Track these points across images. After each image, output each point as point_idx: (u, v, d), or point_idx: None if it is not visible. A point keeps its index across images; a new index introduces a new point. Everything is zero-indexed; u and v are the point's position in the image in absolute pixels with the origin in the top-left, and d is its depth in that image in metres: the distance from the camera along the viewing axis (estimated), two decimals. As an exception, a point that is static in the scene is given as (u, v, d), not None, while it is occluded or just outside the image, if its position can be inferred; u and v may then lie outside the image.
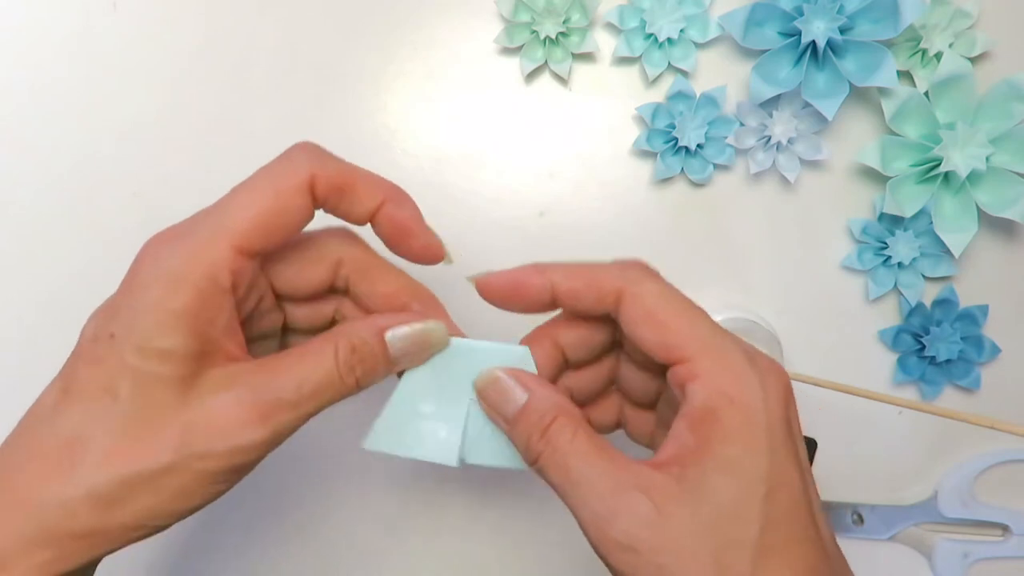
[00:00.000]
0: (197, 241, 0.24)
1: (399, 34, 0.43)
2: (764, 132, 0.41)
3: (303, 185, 0.25)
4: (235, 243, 0.24)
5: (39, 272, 0.43)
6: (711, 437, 0.24)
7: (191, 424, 0.24)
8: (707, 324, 0.26)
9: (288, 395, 0.25)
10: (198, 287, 0.24)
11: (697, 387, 0.24)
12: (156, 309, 0.24)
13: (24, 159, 0.43)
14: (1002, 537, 0.44)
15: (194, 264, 0.24)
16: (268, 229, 0.25)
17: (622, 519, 0.23)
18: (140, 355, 0.24)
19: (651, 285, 0.26)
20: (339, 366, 0.26)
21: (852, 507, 0.44)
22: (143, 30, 0.43)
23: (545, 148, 0.43)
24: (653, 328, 0.25)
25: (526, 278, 0.27)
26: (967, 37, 0.41)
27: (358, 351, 0.26)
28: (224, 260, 0.24)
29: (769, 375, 0.25)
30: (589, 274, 0.27)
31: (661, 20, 0.41)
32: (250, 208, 0.25)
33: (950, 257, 0.41)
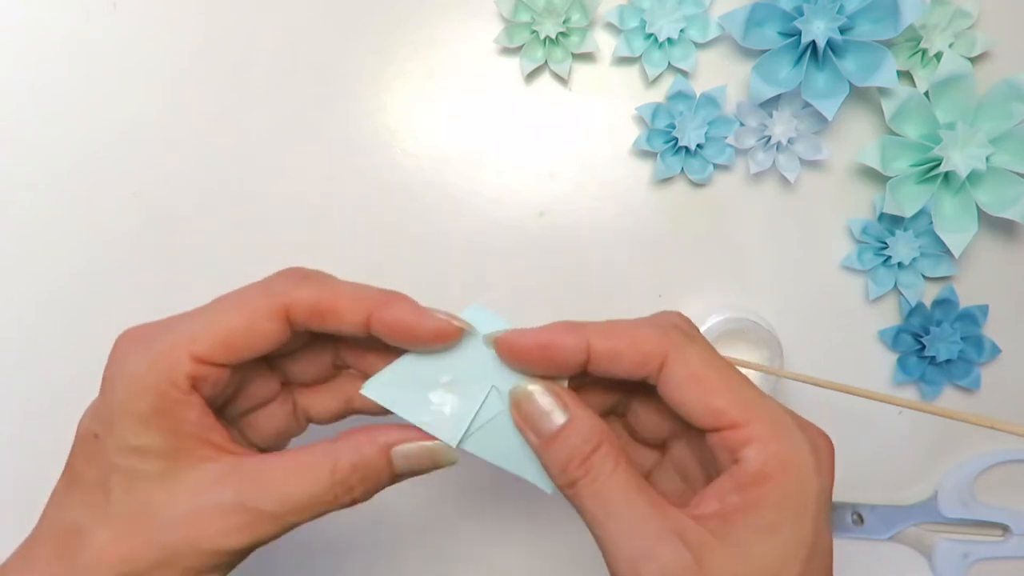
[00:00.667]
0: (158, 348, 0.25)
1: (399, 34, 0.43)
2: (764, 132, 0.41)
3: (276, 312, 0.25)
4: (195, 354, 0.25)
5: (39, 272, 0.43)
6: (762, 499, 0.24)
7: (175, 523, 0.24)
8: (753, 389, 0.25)
9: (272, 507, 0.25)
10: (159, 391, 0.25)
11: (753, 452, 0.24)
12: (125, 411, 0.25)
13: (24, 159, 0.43)
14: (1002, 537, 0.44)
15: (153, 371, 0.25)
16: (232, 347, 0.25)
17: (659, 564, 0.23)
18: (121, 454, 0.25)
19: (695, 349, 0.25)
20: (335, 484, 0.25)
21: (852, 507, 0.44)
22: (143, 30, 0.43)
23: (545, 148, 0.43)
24: (700, 392, 0.25)
25: (558, 338, 0.25)
26: (967, 37, 0.41)
27: (359, 469, 0.26)
28: (182, 368, 0.25)
29: (819, 441, 0.26)
30: (630, 335, 0.25)
31: (661, 20, 0.41)
32: (217, 323, 0.25)
33: (950, 257, 0.41)
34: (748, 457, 0.24)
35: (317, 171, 0.43)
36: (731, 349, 0.40)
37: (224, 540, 0.24)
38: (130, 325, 0.28)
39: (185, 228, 0.43)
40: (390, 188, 0.43)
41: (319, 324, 0.26)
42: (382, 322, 0.26)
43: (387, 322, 0.26)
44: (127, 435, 0.25)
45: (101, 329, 0.43)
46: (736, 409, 0.25)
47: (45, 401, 0.43)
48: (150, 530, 0.24)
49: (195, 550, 0.24)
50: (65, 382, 0.43)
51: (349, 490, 0.25)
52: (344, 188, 0.43)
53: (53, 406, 0.43)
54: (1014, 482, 0.44)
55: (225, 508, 0.24)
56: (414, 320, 0.26)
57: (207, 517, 0.24)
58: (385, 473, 0.26)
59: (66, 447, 0.27)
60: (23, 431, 0.43)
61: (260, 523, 0.25)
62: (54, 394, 0.43)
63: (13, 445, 0.43)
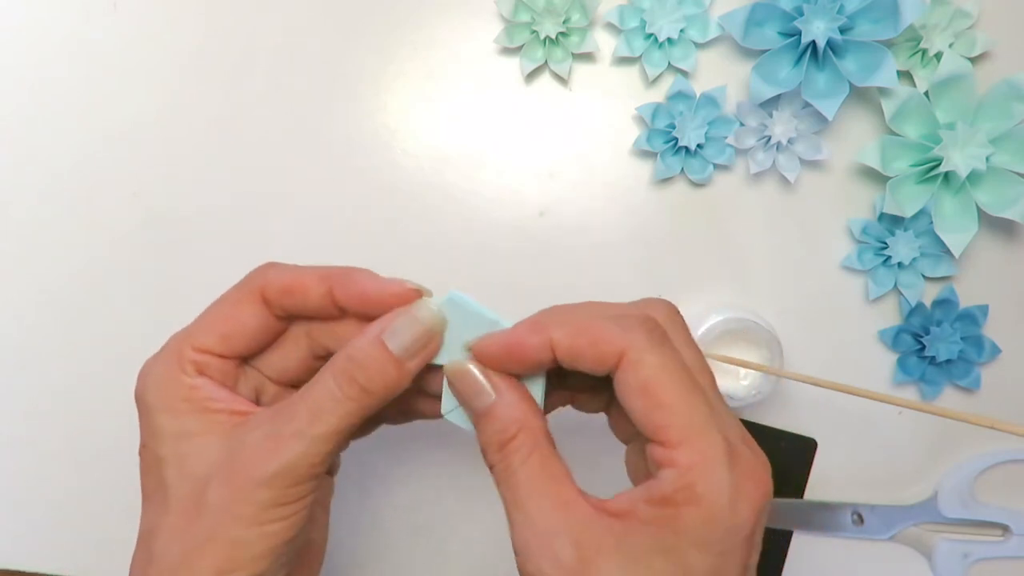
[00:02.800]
0: (167, 350, 0.28)
1: (399, 34, 0.43)
2: (764, 132, 0.41)
3: (251, 294, 0.28)
4: (195, 346, 0.28)
5: (39, 272, 0.43)
6: (665, 523, 0.24)
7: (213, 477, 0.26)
8: (701, 410, 0.25)
9: (292, 427, 0.26)
10: (175, 381, 0.27)
11: (668, 475, 0.24)
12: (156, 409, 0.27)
13: (24, 159, 0.43)
14: (1002, 537, 0.44)
15: (166, 368, 0.28)
16: (223, 335, 0.28)
17: (544, 559, 0.24)
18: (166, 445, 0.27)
19: (652, 356, 0.25)
20: (336, 377, 0.26)
21: (852, 507, 0.44)
22: (143, 30, 0.43)
23: (545, 148, 0.43)
24: (644, 403, 0.25)
25: (521, 339, 0.26)
26: (967, 37, 0.41)
27: (354, 359, 0.26)
28: (186, 358, 0.28)
29: (748, 480, 0.25)
30: (591, 332, 0.26)
31: (661, 20, 0.41)
32: (207, 318, 0.29)
33: (950, 257, 0.41)
34: (663, 478, 0.24)
35: (317, 171, 0.43)
36: (731, 349, 0.40)
37: (258, 469, 0.25)
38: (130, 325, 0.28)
39: (185, 228, 0.43)
40: (390, 188, 0.43)
41: (291, 301, 0.28)
42: (343, 290, 0.27)
43: (348, 290, 0.27)
44: (166, 427, 0.27)
45: (101, 329, 0.43)
46: (674, 430, 0.24)
47: (45, 401, 0.43)
48: (201, 495, 0.26)
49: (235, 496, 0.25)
50: (65, 382, 0.43)
51: (351, 381, 0.26)
52: (344, 188, 0.43)
53: (53, 406, 0.43)
54: (1014, 482, 0.44)
55: (250, 443, 0.26)
56: (372, 286, 0.27)
57: (237, 456, 0.26)
58: (386, 359, 0.26)
59: (66, 447, 0.28)
60: (23, 431, 0.43)
61: (284, 441, 0.25)
62: (54, 394, 0.43)
63: (13, 445, 0.43)
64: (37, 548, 0.43)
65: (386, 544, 0.44)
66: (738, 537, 0.24)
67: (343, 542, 0.43)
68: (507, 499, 0.26)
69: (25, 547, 0.44)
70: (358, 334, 0.27)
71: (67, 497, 0.43)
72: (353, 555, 0.44)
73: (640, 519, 0.24)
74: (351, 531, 0.44)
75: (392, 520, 0.44)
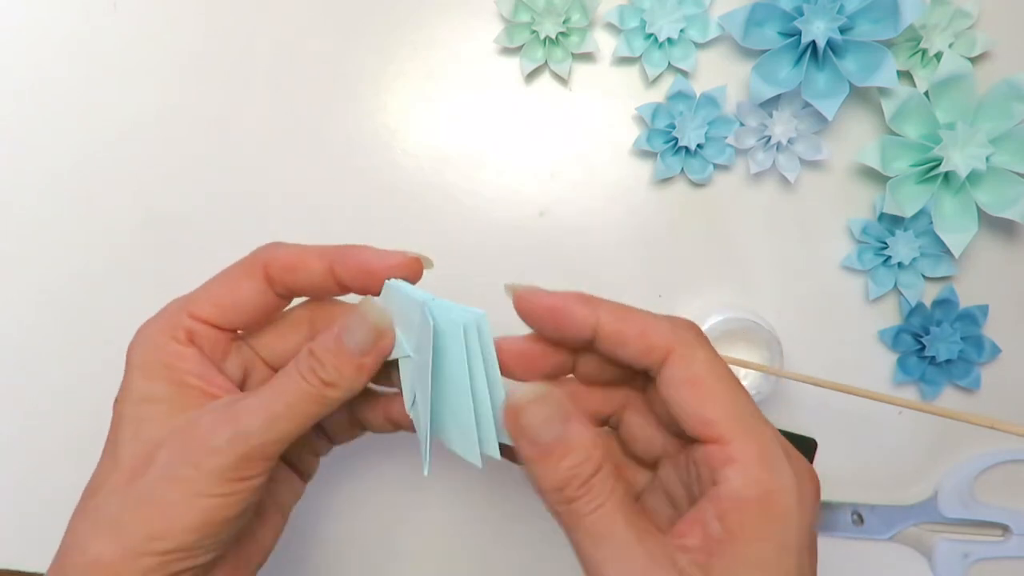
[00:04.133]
0: (164, 312, 0.29)
1: (399, 34, 0.43)
2: (764, 132, 0.41)
3: (255, 269, 0.29)
4: (192, 312, 0.28)
5: (39, 272, 0.43)
6: (742, 530, 0.23)
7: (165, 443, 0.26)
8: (751, 407, 0.25)
9: (254, 401, 0.26)
10: (161, 344, 0.28)
11: (733, 473, 0.23)
12: (136, 366, 0.28)
13: (24, 159, 0.43)
14: (1002, 537, 0.44)
15: (158, 329, 0.28)
16: (222, 305, 0.28)
17: None
18: (132, 404, 0.27)
19: (702, 352, 0.25)
20: (299, 369, 0.26)
21: (852, 507, 0.44)
22: (143, 30, 0.43)
23: (545, 148, 0.43)
24: (695, 396, 0.24)
25: (571, 305, 0.26)
26: (967, 37, 0.41)
27: (315, 353, 0.27)
28: (181, 323, 0.28)
29: (805, 476, 0.24)
30: (641, 323, 0.25)
31: (661, 20, 0.41)
32: (210, 287, 0.29)
33: (950, 257, 0.41)
34: (728, 478, 0.23)
35: (317, 171, 0.43)
36: (731, 349, 0.40)
37: (211, 436, 0.25)
38: (130, 325, 0.28)
39: (185, 228, 0.43)
40: (390, 188, 0.43)
41: (293, 278, 0.28)
42: (344, 265, 0.28)
43: (348, 264, 0.28)
44: (137, 387, 0.27)
45: (101, 329, 0.43)
46: (727, 424, 0.24)
47: (45, 401, 0.43)
48: (150, 456, 0.26)
49: (186, 455, 0.25)
50: (65, 382, 0.43)
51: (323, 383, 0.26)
52: (344, 188, 0.43)
53: (53, 406, 0.43)
54: (1014, 482, 0.44)
55: (209, 412, 0.26)
56: (372, 258, 0.28)
57: (194, 423, 0.26)
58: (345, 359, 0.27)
59: (66, 447, 0.28)
60: (23, 431, 0.43)
61: (243, 416, 0.26)
62: (54, 394, 0.43)
63: (13, 445, 0.43)
64: (37, 548, 0.43)
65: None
66: (808, 536, 0.24)
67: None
68: (590, 536, 0.24)
69: (25, 547, 0.44)
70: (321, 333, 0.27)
71: (67, 497, 0.43)
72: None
73: (716, 540, 0.23)
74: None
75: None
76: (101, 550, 0.25)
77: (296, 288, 0.29)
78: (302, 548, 0.43)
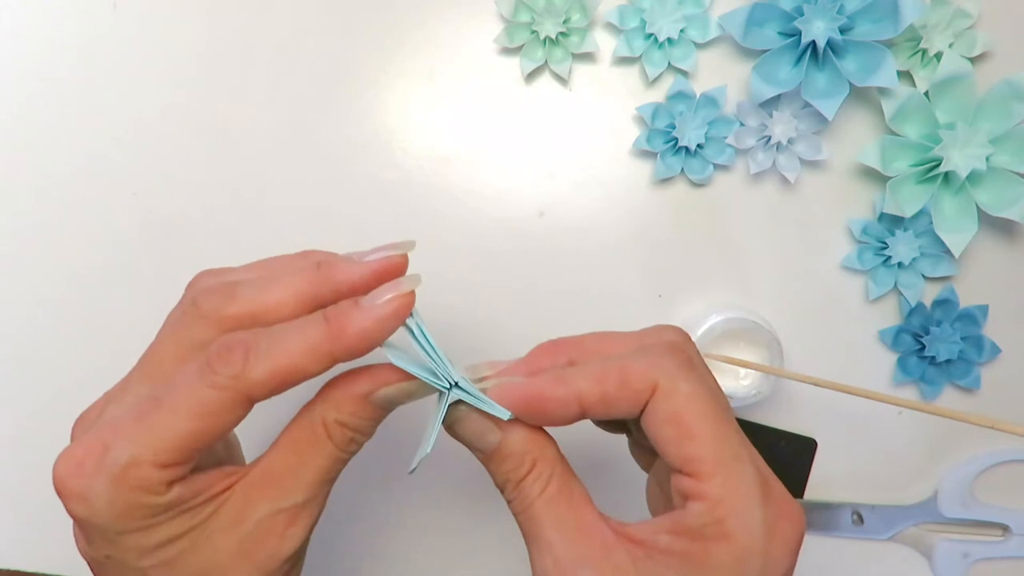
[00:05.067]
0: (118, 473, 0.23)
1: (399, 34, 0.43)
2: (764, 132, 0.41)
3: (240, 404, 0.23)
4: (162, 463, 0.23)
5: (39, 272, 0.43)
6: (691, 557, 0.23)
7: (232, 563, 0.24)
8: (734, 441, 0.24)
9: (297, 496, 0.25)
10: (142, 507, 0.23)
11: (696, 508, 0.23)
12: (121, 534, 0.24)
13: (25, 160, 0.43)
14: (1002, 537, 0.44)
15: (125, 495, 0.23)
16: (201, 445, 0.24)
17: None
18: (145, 558, 0.24)
19: (685, 385, 0.24)
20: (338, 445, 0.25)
21: (852, 507, 0.44)
22: (143, 31, 0.43)
23: (545, 148, 0.43)
24: (675, 434, 0.24)
25: (547, 391, 0.25)
26: (967, 37, 0.41)
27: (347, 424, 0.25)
28: (153, 481, 0.23)
29: (782, 520, 0.24)
30: (619, 373, 0.24)
31: (661, 20, 0.41)
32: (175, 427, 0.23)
33: (950, 257, 0.41)
34: (691, 511, 0.23)
35: (317, 171, 0.43)
36: (731, 349, 0.40)
37: (285, 546, 0.25)
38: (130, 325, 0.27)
39: (185, 228, 0.43)
40: (390, 188, 0.43)
41: (287, 387, 0.24)
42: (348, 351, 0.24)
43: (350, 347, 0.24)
44: (139, 547, 0.24)
45: (101, 329, 0.43)
46: (705, 464, 0.23)
47: (45, 401, 0.43)
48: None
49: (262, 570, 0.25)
50: (65, 382, 0.43)
51: (352, 442, 0.26)
52: (344, 188, 0.43)
53: (53, 406, 0.43)
54: (1014, 482, 0.44)
55: (267, 522, 0.24)
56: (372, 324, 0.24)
57: (258, 539, 0.24)
58: (374, 414, 0.26)
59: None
60: (23, 431, 0.43)
61: (301, 514, 0.25)
62: (54, 394, 0.43)
63: (13, 445, 0.43)
64: (37, 548, 0.44)
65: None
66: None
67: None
68: (526, 531, 0.25)
69: (25, 547, 0.44)
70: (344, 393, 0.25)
71: (67, 497, 0.43)
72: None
73: (662, 550, 0.23)
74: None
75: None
76: None
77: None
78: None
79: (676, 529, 0.23)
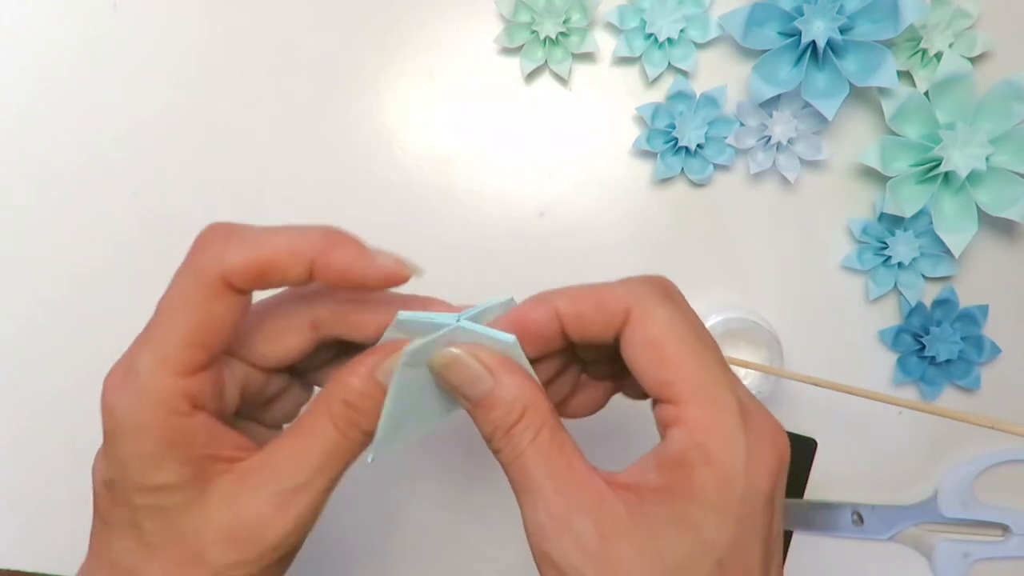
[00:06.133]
0: (142, 382, 0.24)
1: (399, 34, 0.43)
2: (764, 132, 0.41)
3: (215, 286, 0.24)
4: (177, 370, 0.24)
5: (39, 272, 0.43)
6: (677, 488, 0.23)
7: (220, 541, 0.24)
8: (712, 366, 0.24)
9: (296, 480, 0.24)
10: (163, 427, 0.24)
11: (677, 434, 0.23)
12: (133, 455, 0.24)
13: (24, 159, 0.43)
14: (1002, 537, 0.44)
15: (148, 407, 0.24)
16: (203, 343, 0.24)
17: (563, 540, 0.23)
18: (142, 495, 0.24)
19: (661, 310, 0.24)
20: (340, 429, 0.25)
21: (852, 507, 0.44)
22: (143, 30, 0.43)
23: (545, 148, 0.43)
24: (652, 358, 0.24)
25: (526, 313, 0.25)
26: (967, 37, 0.41)
27: (354, 405, 0.25)
28: (173, 391, 0.24)
29: (763, 441, 0.23)
30: (596, 296, 0.24)
31: (661, 20, 0.41)
32: (176, 329, 0.24)
33: (950, 257, 0.41)
34: (672, 438, 0.23)
35: (317, 170, 0.43)
36: (731, 349, 0.40)
37: (269, 532, 0.24)
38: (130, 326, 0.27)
39: (185, 228, 0.43)
40: (390, 188, 0.43)
41: (263, 284, 0.24)
42: (327, 269, 0.24)
43: (332, 268, 0.24)
44: (143, 478, 0.24)
45: (101, 329, 0.43)
46: (682, 386, 0.23)
47: (45, 401, 0.43)
48: (197, 555, 0.24)
49: (243, 560, 0.24)
50: (65, 382, 0.43)
51: (354, 426, 0.25)
52: (344, 188, 0.43)
53: (53, 406, 0.43)
54: (1014, 482, 0.44)
55: (255, 504, 0.24)
56: (357, 265, 0.24)
57: (244, 521, 0.24)
58: (381, 399, 0.25)
59: (66, 447, 0.27)
60: (23, 431, 0.43)
61: (292, 500, 0.24)
62: (54, 394, 0.43)
63: (13, 445, 0.43)
64: (37, 548, 0.44)
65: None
66: (757, 502, 0.23)
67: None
68: (516, 482, 0.24)
69: (25, 547, 0.44)
70: (349, 371, 0.25)
71: (67, 497, 0.43)
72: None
73: (651, 488, 0.23)
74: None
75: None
76: None
77: (265, 288, 0.25)
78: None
79: (660, 462, 0.23)
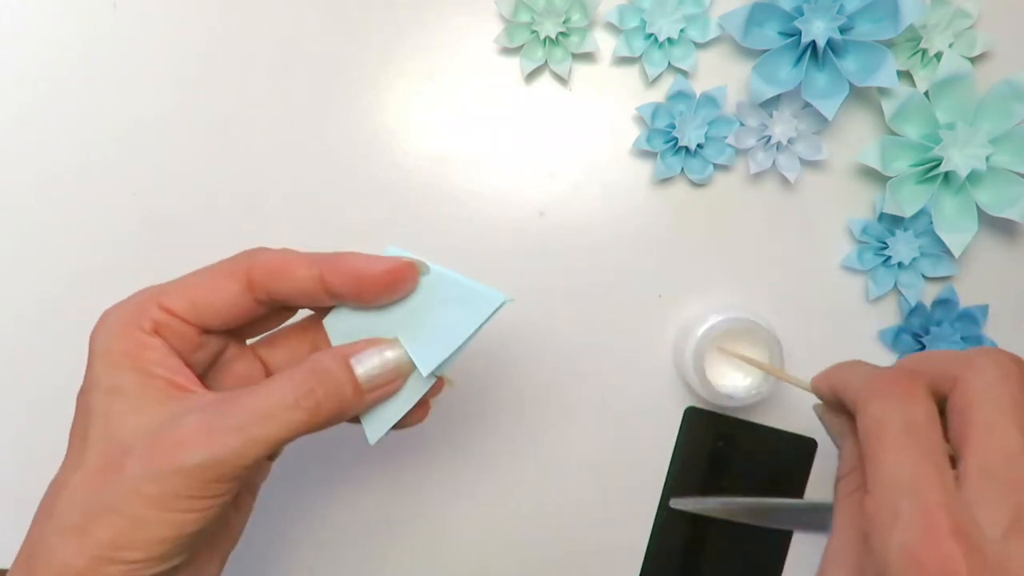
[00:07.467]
0: (132, 300, 0.28)
1: (399, 34, 0.43)
2: (764, 132, 0.41)
3: (237, 271, 0.27)
4: (162, 304, 0.27)
5: (39, 272, 0.43)
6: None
7: (141, 449, 0.25)
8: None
9: (231, 420, 0.25)
10: (126, 332, 0.26)
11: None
12: (100, 355, 0.27)
13: (25, 159, 0.43)
14: (1002, 537, 0.44)
15: (124, 317, 0.27)
16: (197, 304, 0.27)
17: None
18: (98, 397, 0.26)
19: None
20: (293, 386, 0.25)
21: (852, 507, 0.44)
22: (143, 31, 0.43)
23: (545, 148, 0.43)
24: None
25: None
26: (967, 37, 0.41)
27: (317, 372, 0.26)
28: (148, 313, 0.27)
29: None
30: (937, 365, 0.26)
31: (661, 20, 0.41)
32: (186, 282, 0.28)
33: (950, 257, 0.41)
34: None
35: (317, 171, 0.43)
36: (731, 349, 0.40)
37: (187, 454, 0.24)
38: None
39: (185, 228, 0.43)
40: (390, 188, 0.43)
41: (277, 285, 0.27)
42: (334, 271, 0.27)
43: (339, 270, 0.27)
44: (102, 378, 0.26)
45: (101, 329, 0.43)
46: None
47: (45, 401, 0.43)
48: (117, 463, 0.25)
49: (157, 472, 0.24)
50: (65, 382, 0.43)
51: (315, 404, 0.25)
52: (344, 188, 0.43)
53: (53, 406, 0.43)
54: (1014, 482, 0.44)
55: (185, 425, 0.25)
56: (364, 264, 0.27)
57: (167, 436, 0.25)
58: (347, 380, 0.26)
59: (65, 447, 0.27)
60: (23, 431, 0.43)
61: (220, 436, 0.24)
62: (54, 394, 0.43)
63: (13, 445, 0.43)
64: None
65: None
66: None
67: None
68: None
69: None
70: (323, 352, 0.27)
71: (67, 497, 0.43)
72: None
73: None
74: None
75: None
76: (68, 558, 0.24)
77: (280, 295, 0.27)
78: (297, 551, 0.43)
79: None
